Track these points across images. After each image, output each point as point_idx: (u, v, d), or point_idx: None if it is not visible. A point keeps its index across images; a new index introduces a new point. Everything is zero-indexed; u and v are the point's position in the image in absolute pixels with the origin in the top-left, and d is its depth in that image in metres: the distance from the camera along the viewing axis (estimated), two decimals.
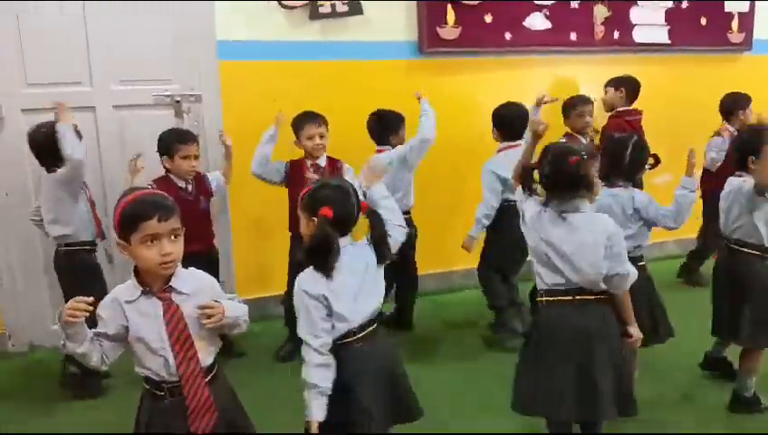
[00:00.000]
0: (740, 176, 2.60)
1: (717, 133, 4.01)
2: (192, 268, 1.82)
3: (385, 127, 3.37)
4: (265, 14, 3.54)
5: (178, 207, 1.73)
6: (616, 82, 4.04)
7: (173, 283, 1.73)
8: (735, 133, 3.88)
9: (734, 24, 4.68)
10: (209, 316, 1.71)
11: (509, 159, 2.91)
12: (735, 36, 4.70)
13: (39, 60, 3.25)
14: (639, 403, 2.14)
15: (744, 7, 4.67)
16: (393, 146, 3.36)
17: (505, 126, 3.33)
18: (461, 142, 3.78)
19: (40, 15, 3.22)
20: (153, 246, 1.65)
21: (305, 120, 3.16)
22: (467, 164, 3.51)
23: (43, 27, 3.23)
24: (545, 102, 3.71)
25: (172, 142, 3.05)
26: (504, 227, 3.20)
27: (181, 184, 3.09)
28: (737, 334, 2.60)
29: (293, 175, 3.18)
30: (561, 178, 2.04)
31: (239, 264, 3.70)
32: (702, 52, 4.63)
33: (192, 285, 1.76)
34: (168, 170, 3.09)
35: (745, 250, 2.59)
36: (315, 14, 3.61)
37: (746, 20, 4.70)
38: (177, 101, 3.51)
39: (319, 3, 3.59)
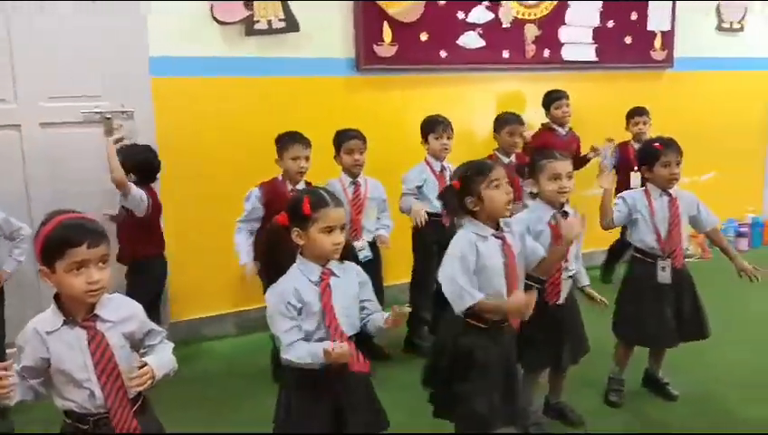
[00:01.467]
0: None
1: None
2: (117, 294, 1.78)
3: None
4: (200, 30, 3.49)
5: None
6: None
7: (98, 310, 1.67)
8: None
9: (657, 42, 4.91)
10: (138, 383, 1.65)
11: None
12: (658, 54, 4.93)
13: None
14: None
15: (666, 26, 4.91)
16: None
17: None
18: (397, 158, 3.81)
19: None
20: (80, 274, 1.59)
21: (291, 140, 3.10)
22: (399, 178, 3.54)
23: None
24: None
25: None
26: None
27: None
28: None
29: (271, 201, 3.00)
30: None
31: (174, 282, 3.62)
32: (627, 69, 4.84)
33: (118, 312, 1.71)
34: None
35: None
36: (251, 31, 3.58)
37: (668, 38, 4.94)
38: (108, 118, 3.42)
39: (255, 19, 3.57)
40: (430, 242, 3.39)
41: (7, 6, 3.14)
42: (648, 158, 2.79)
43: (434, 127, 3.48)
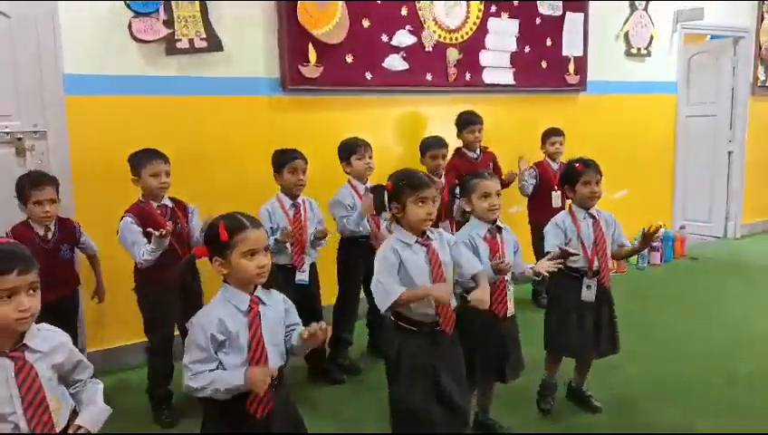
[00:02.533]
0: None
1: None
2: (44, 324, 1.69)
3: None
4: (118, 48, 3.39)
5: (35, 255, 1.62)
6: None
7: (27, 340, 1.60)
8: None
9: (571, 66, 5.16)
10: None
11: None
12: (572, 78, 5.18)
13: None
14: None
15: (579, 52, 5.17)
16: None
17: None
18: (323, 179, 3.80)
19: None
20: (10, 302, 1.53)
21: (149, 156, 2.95)
22: (325, 199, 3.53)
23: None
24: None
25: (26, 189, 2.84)
26: None
27: (40, 231, 2.87)
28: None
29: (144, 222, 2.89)
30: None
31: (88, 310, 3.45)
32: (543, 92, 5.05)
33: (48, 342, 1.64)
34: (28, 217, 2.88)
35: None
36: (172, 50, 3.51)
37: (581, 63, 5.20)
38: (19, 139, 3.26)
39: (176, 37, 3.51)
40: (356, 263, 3.44)
41: None
42: (570, 178, 2.94)
43: (355, 148, 3.49)
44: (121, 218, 2.89)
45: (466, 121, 4.23)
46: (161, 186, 2.95)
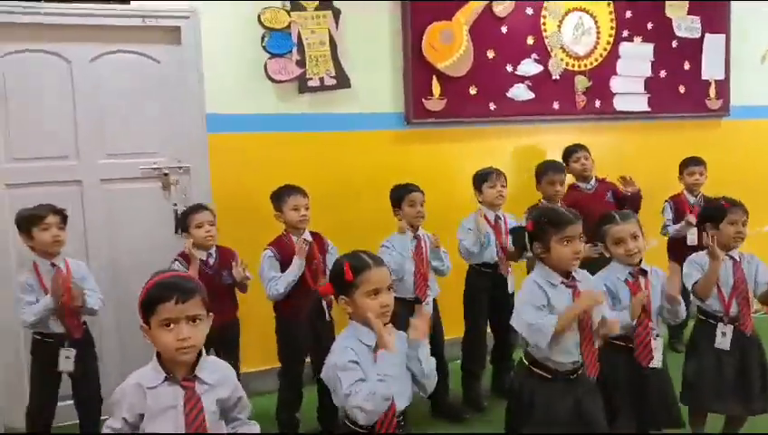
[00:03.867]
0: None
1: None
2: (214, 357, 1.80)
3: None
4: (255, 88, 3.58)
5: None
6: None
7: (198, 371, 1.68)
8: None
9: (712, 91, 4.82)
10: None
11: None
12: (713, 103, 4.83)
13: (24, 134, 3.24)
14: None
15: (720, 75, 4.83)
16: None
17: None
18: (448, 210, 3.78)
19: (26, 90, 3.24)
20: (171, 331, 1.62)
21: (289, 192, 3.13)
22: (451, 230, 3.51)
23: (29, 102, 3.24)
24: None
25: (187, 215, 3.09)
26: None
27: (202, 256, 3.05)
28: None
29: (283, 255, 3.06)
30: None
31: None
32: (681, 118, 4.75)
33: (215, 375, 1.73)
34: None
35: None
36: (304, 88, 3.66)
37: (723, 87, 4.85)
38: (166, 174, 3.51)
39: (307, 76, 3.65)
40: (480, 293, 3.43)
41: (72, 66, 3.30)
42: (714, 215, 2.75)
43: (487, 176, 3.48)
44: (264, 250, 3.06)
45: (569, 152, 4.02)
46: (301, 219, 3.09)
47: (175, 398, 1.65)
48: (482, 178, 3.50)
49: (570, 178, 4.02)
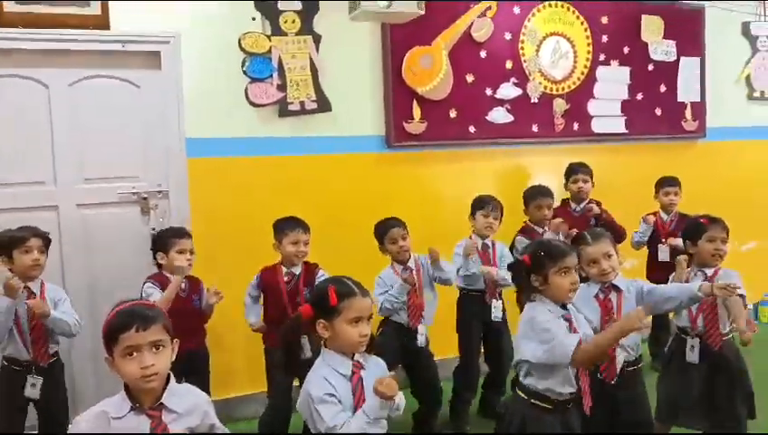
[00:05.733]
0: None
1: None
2: (186, 384, 1.78)
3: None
4: (235, 112, 3.58)
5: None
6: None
7: (164, 400, 1.66)
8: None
9: (688, 112, 4.90)
10: None
11: None
12: (689, 124, 4.91)
13: (0, 158, 3.21)
14: None
15: (696, 97, 4.91)
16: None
17: None
18: (429, 232, 3.78)
19: (3, 115, 3.21)
20: (133, 359, 1.60)
21: (291, 225, 3.12)
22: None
23: (6, 126, 3.22)
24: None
25: (169, 238, 3.05)
26: None
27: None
28: None
29: (267, 285, 3.12)
30: None
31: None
32: (658, 139, 4.82)
33: (185, 403, 1.70)
34: (160, 267, 3.06)
35: None
36: (285, 112, 3.67)
37: (698, 109, 4.93)
38: (145, 199, 3.48)
39: (288, 100, 3.66)
40: (472, 318, 3.45)
41: (50, 91, 3.28)
42: (693, 233, 2.78)
43: (483, 204, 3.50)
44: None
45: (569, 171, 4.09)
46: (298, 254, 3.10)
47: (141, 427, 1.62)
48: (478, 205, 3.51)
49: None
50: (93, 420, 1.63)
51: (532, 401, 2.19)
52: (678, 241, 3.37)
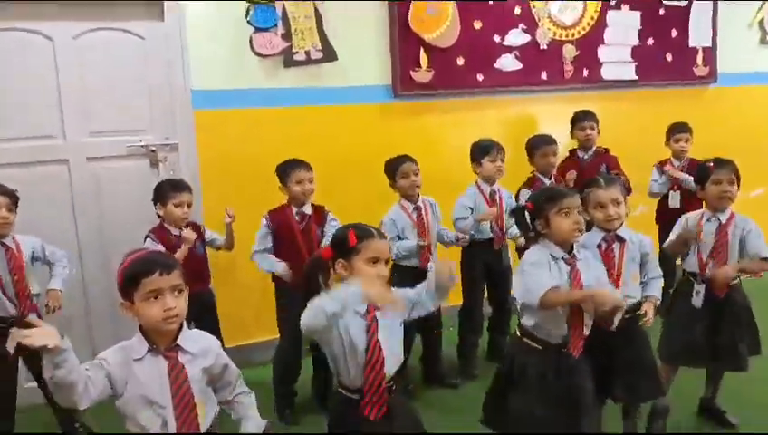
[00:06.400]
0: None
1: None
2: (197, 330, 1.84)
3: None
4: (240, 63, 3.55)
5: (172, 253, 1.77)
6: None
7: (180, 341, 1.72)
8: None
9: (699, 58, 4.82)
10: None
11: None
12: (700, 70, 4.84)
13: (8, 114, 3.21)
14: None
15: (707, 42, 4.82)
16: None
17: None
18: (436, 182, 3.78)
19: (9, 70, 3.20)
20: (156, 302, 1.66)
21: (294, 165, 3.13)
22: (441, 202, 3.52)
23: (12, 81, 3.20)
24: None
25: (167, 190, 3.07)
26: None
27: (175, 232, 3.07)
28: None
29: (279, 226, 3.11)
30: None
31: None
32: (668, 86, 4.75)
33: (198, 345, 1.77)
34: (161, 218, 3.08)
35: None
36: (290, 62, 3.63)
37: (710, 54, 4.85)
38: (153, 151, 3.49)
39: (293, 50, 3.62)
40: (479, 264, 3.47)
41: (55, 44, 3.26)
42: (701, 176, 2.79)
43: (488, 149, 3.46)
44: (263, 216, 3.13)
45: (574, 119, 4.08)
46: (305, 192, 3.11)
47: (159, 367, 1.69)
48: (483, 151, 3.47)
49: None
50: (119, 354, 1.69)
51: (524, 339, 2.25)
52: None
